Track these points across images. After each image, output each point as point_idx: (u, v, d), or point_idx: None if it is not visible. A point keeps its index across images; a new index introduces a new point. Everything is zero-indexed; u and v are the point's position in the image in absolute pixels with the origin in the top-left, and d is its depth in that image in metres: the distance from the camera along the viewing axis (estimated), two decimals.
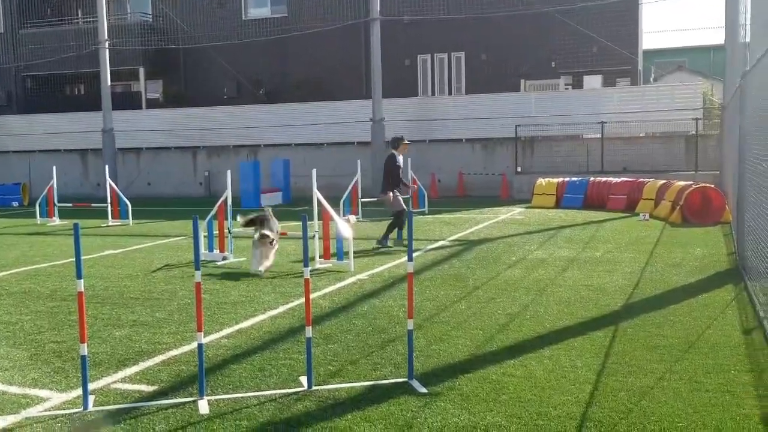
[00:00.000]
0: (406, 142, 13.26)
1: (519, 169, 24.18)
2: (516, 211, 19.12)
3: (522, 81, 28.29)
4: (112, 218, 18.30)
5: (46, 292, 9.18)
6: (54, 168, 19.37)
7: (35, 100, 33.76)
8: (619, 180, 19.88)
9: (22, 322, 7.57)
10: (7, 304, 8.50)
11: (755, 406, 4.82)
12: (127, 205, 18.10)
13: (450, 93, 29.20)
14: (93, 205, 20.39)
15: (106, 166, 20.12)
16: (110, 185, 18.65)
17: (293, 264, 10.91)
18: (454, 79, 29.32)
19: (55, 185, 19.12)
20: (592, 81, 26.57)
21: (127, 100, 31.99)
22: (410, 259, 5.60)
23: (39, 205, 19.21)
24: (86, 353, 4.99)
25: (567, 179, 20.91)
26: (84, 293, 5.06)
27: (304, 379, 5.42)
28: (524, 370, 5.66)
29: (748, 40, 10.32)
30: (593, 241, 13.05)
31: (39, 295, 9.00)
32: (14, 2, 33.52)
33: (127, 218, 18.01)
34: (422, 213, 18.78)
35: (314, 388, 5.32)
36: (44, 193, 19.34)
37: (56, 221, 18.71)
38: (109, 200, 18.43)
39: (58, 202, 19.24)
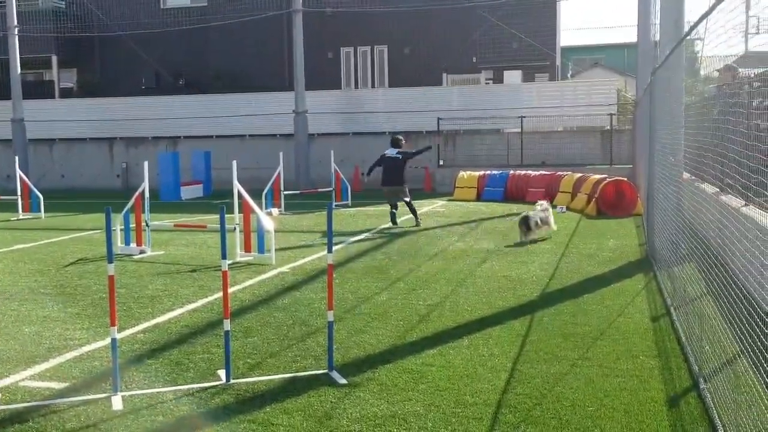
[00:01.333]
0: (404, 141, 15.44)
1: (441, 163, 24.41)
2: (438, 204, 19.32)
3: (444, 75, 28.58)
4: (22, 211, 17.58)
5: None
6: None
7: None
8: (537, 173, 20.32)
9: None
10: None
11: (661, 390, 5.03)
12: (39, 197, 17.43)
13: (373, 86, 29.25)
14: (2, 197, 19.53)
15: (16, 157, 19.32)
16: (21, 177, 17.93)
17: (214, 258, 10.74)
18: (378, 72, 29.40)
19: None
20: (512, 76, 27.09)
21: (39, 89, 30.71)
22: (330, 250, 5.60)
23: None
24: None
25: (488, 172, 21.25)
26: None
27: (222, 373, 5.36)
28: (443, 360, 5.73)
29: (658, 38, 10.72)
30: (512, 233, 13.30)
31: None
32: None
33: (39, 211, 17.34)
34: (345, 206, 18.77)
35: (232, 381, 5.26)
36: None
37: None
38: (19, 193, 17.71)
39: None
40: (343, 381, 5.25)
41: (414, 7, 27.28)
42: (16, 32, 26.13)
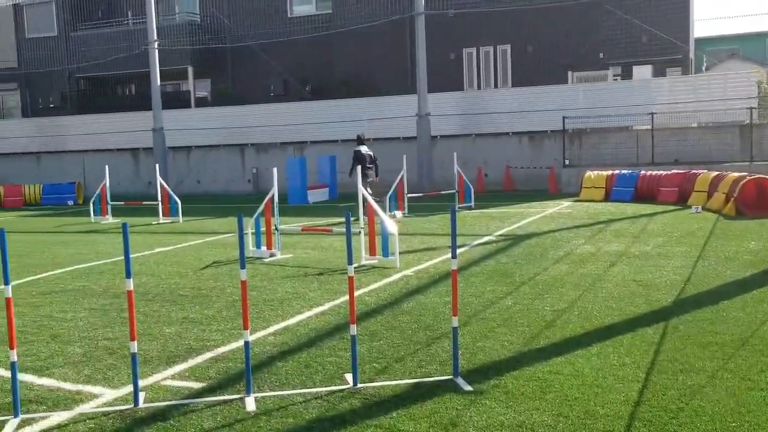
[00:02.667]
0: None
1: (567, 162, 23.85)
2: (564, 205, 18.88)
3: (569, 73, 27.89)
4: (162, 216, 18.64)
5: (99, 290, 9.40)
6: (107, 167, 19.79)
7: (88, 100, 34.57)
8: (670, 172, 19.48)
9: (76, 320, 7.77)
10: (61, 302, 8.73)
11: None
12: (177, 202, 18.41)
13: (496, 86, 28.96)
14: (144, 203, 20.80)
15: (157, 165, 20.48)
16: (161, 183, 19.00)
17: (340, 261, 10.96)
18: (500, 72, 29.06)
19: (108, 184, 19.55)
20: (642, 71, 26.05)
21: (176, 99, 32.53)
22: (454, 255, 5.59)
23: (93, 204, 19.68)
24: (136, 351, 5.09)
25: (616, 172, 20.57)
26: (134, 291, 5.17)
27: (349, 377, 5.45)
28: (571, 368, 5.59)
29: None
30: (643, 235, 12.82)
31: (92, 293, 9.22)
32: (67, 5, 34.38)
33: (177, 216, 18.32)
34: (469, 208, 18.69)
35: (359, 385, 5.34)
36: (97, 191, 19.80)
37: (109, 219, 19.14)
38: (159, 198, 18.78)
39: (111, 200, 19.67)
40: (469, 388, 5.22)
41: (537, 5, 26.79)
42: (156, 46, 27.75)
